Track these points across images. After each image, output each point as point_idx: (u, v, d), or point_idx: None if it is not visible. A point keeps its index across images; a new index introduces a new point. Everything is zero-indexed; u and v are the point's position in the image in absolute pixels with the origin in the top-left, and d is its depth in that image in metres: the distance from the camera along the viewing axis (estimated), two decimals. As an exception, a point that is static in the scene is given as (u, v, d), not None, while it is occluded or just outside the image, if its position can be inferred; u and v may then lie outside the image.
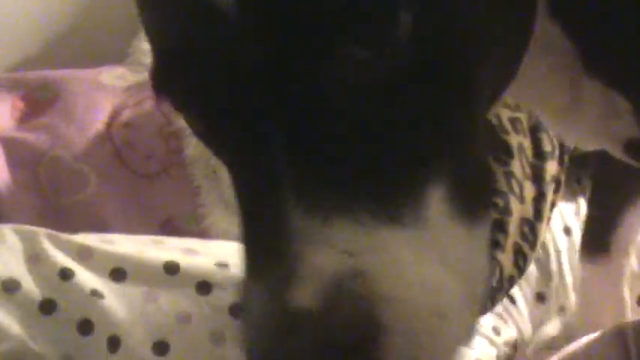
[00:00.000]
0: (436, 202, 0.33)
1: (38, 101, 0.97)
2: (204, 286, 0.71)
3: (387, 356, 0.32)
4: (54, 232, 0.73)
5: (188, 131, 0.96)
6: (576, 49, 0.44)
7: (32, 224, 0.79)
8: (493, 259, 0.88)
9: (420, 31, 0.32)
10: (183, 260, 0.73)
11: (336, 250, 0.32)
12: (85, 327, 0.65)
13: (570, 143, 0.62)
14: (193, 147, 0.93)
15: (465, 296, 0.34)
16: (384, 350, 0.31)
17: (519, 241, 0.93)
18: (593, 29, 0.43)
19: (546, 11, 0.42)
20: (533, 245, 0.94)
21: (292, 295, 0.31)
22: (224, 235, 0.86)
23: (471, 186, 0.36)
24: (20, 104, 0.97)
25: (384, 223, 0.32)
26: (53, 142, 0.91)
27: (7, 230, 0.72)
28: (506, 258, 0.90)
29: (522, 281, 0.92)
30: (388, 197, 0.33)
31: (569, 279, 0.93)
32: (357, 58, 0.32)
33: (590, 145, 0.56)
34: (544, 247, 0.95)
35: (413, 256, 0.32)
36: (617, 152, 0.52)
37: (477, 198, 0.36)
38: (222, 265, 0.73)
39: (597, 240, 0.82)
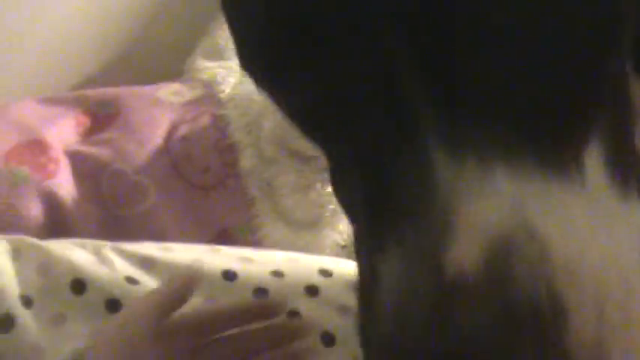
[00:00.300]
0: (594, 160, 0.28)
1: (100, 117, 1.01)
2: (260, 293, 0.72)
3: (572, 338, 0.25)
4: (117, 244, 0.75)
5: (242, 145, 0.99)
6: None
7: (95, 234, 0.82)
8: None
9: None
10: (240, 268, 0.74)
11: (499, 202, 0.25)
12: None
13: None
14: (248, 160, 0.95)
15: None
16: (569, 329, 0.25)
17: None
18: None
19: None
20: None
21: (450, 258, 0.25)
22: (278, 245, 0.88)
23: (626, 159, 0.30)
24: (84, 120, 1.01)
25: (552, 175, 0.26)
26: (114, 155, 0.95)
27: (71, 244, 0.75)
28: None
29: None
30: (552, 147, 0.26)
31: None
32: None
33: None
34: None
35: (585, 217, 0.26)
36: None
37: (631, 172, 0.30)
38: (277, 274, 0.75)
39: None
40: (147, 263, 0.74)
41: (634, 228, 0.28)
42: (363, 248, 0.30)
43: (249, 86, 1.06)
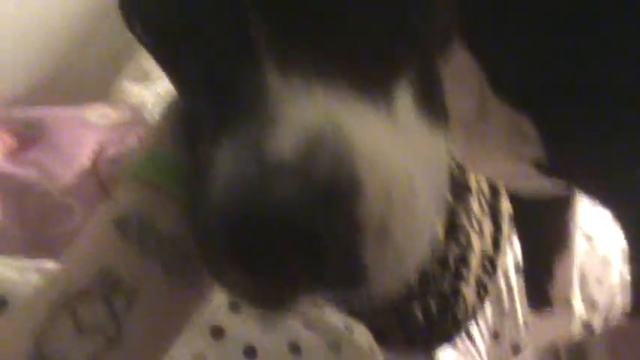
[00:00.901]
0: (404, 95, 0.35)
1: (26, 137, 1.01)
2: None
3: (363, 211, 0.32)
4: (42, 265, 0.76)
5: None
6: (484, 73, 0.47)
7: (20, 253, 0.83)
8: (458, 291, 0.93)
9: None
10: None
11: (315, 109, 0.32)
12: None
13: (483, 169, 0.66)
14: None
15: (431, 186, 0.35)
16: (361, 204, 0.32)
17: (481, 273, 0.98)
18: (501, 58, 0.46)
19: (457, 36, 0.44)
20: (492, 277, 0.99)
21: (272, 145, 0.31)
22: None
23: (432, 96, 0.37)
24: (9, 139, 1.01)
25: (363, 98, 0.33)
26: (40, 176, 0.95)
27: None
28: (469, 290, 0.95)
29: (479, 319, 0.95)
30: (366, 78, 0.34)
31: (521, 317, 0.95)
32: None
33: (502, 169, 0.58)
34: (497, 285, 0.99)
35: (386, 134, 0.34)
36: (529, 173, 0.53)
37: (437, 108, 0.38)
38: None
39: (539, 295, 0.83)
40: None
41: (432, 150, 0.36)
42: (204, 147, 0.35)
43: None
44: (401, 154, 0.34)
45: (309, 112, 0.32)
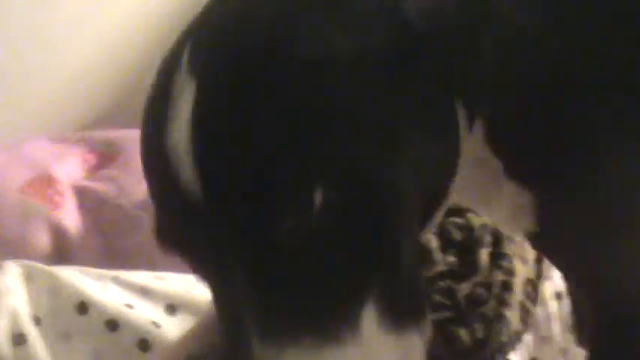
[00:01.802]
0: (369, 317, 0.40)
1: (104, 155, 1.10)
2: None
3: None
4: (117, 273, 0.84)
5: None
6: (502, 164, 0.51)
7: (96, 261, 0.91)
8: (502, 316, 0.96)
9: (331, 202, 0.39)
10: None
11: None
12: (144, 346, 0.76)
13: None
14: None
15: None
16: None
17: (524, 299, 1.00)
18: (519, 152, 0.50)
19: (485, 141, 0.49)
20: (535, 302, 1.01)
21: None
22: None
23: (401, 298, 0.42)
24: (90, 157, 1.10)
25: (327, 345, 0.39)
26: (116, 191, 1.03)
27: (76, 271, 0.84)
28: (513, 314, 0.96)
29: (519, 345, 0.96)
30: (329, 321, 0.39)
31: (557, 344, 0.95)
32: (289, 224, 0.39)
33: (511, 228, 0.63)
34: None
35: None
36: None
37: (408, 307, 0.42)
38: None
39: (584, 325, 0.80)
40: (143, 291, 0.83)
41: (400, 350, 0.41)
42: None
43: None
44: None
45: None
